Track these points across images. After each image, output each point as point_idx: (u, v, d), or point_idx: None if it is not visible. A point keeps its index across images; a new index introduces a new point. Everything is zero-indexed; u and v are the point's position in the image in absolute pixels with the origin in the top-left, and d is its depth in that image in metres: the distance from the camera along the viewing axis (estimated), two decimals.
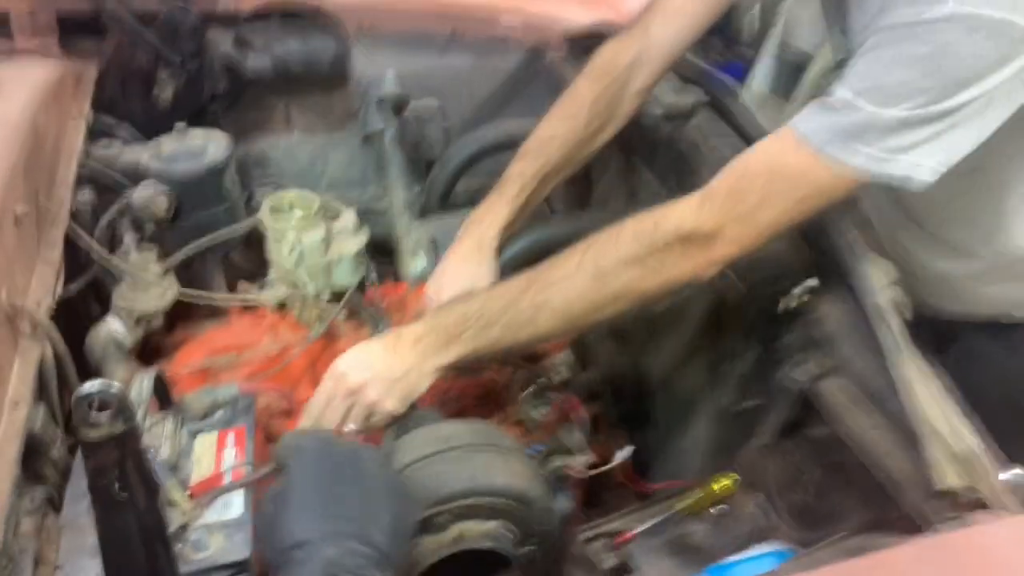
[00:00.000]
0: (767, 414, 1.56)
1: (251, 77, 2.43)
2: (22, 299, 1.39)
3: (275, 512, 0.82)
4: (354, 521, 0.80)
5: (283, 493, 0.84)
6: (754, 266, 1.44)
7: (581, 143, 1.49)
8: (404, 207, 1.93)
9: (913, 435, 1.26)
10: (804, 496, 1.42)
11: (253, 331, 1.76)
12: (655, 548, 1.40)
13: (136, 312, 1.59)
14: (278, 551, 0.79)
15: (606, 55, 1.51)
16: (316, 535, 0.77)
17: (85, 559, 1.04)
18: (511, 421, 1.70)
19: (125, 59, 2.29)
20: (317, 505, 0.81)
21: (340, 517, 0.80)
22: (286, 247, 1.61)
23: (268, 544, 0.82)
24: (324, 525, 0.78)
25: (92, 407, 0.77)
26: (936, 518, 1.16)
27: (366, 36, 2.31)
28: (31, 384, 1.28)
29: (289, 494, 0.83)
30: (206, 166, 1.74)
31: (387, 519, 0.82)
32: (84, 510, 1.09)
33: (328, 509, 0.80)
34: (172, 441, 1.23)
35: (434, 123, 2.30)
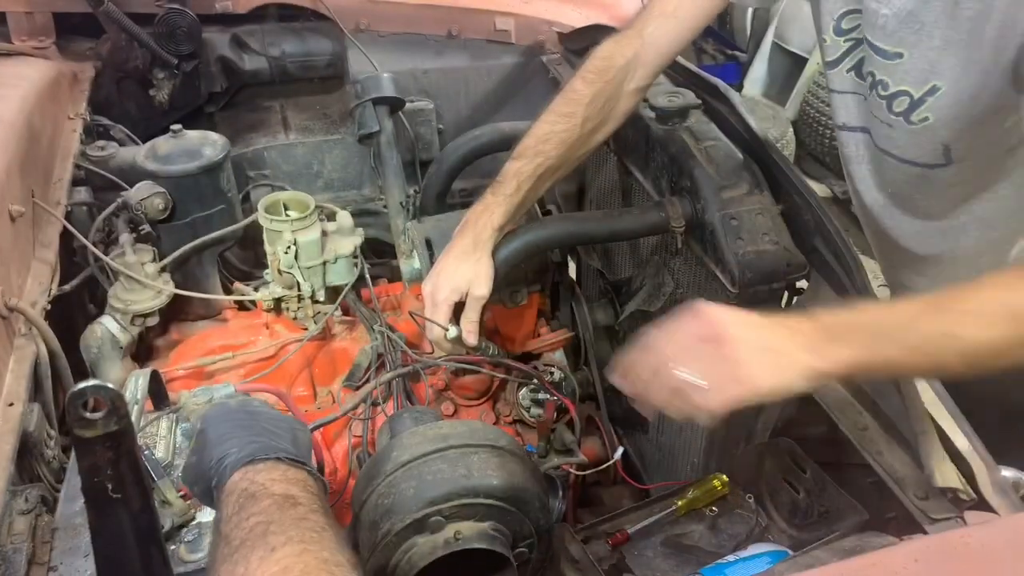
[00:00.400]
0: (761, 414, 1.56)
1: (247, 78, 2.44)
2: (17, 298, 1.38)
3: (199, 453, 0.96)
4: (261, 435, 0.95)
5: (200, 440, 0.97)
6: (747, 267, 1.44)
7: (577, 142, 1.50)
8: (399, 207, 1.93)
9: (907, 435, 1.27)
10: (799, 496, 1.43)
11: (249, 330, 1.76)
12: (650, 548, 1.39)
13: (131, 312, 1.59)
14: (208, 476, 0.91)
15: (602, 55, 1.51)
16: (234, 447, 0.92)
17: (79, 559, 1.04)
18: (507, 421, 1.70)
19: (121, 60, 2.30)
20: (229, 433, 0.95)
21: (248, 432, 0.95)
22: (282, 247, 1.61)
23: (199, 478, 0.94)
24: (238, 441, 0.93)
25: (86, 407, 0.77)
26: (931, 518, 1.17)
27: (362, 37, 2.31)
28: (26, 383, 1.28)
29: (206, 436, 0.96)
30: (202, 166, 1.74)
31: (287, 434, 0.97)
32: (78, 510, 1.09)
33: (237, 432, 0.95)
34: (167, 441, 1.23)
35: (430, 124, 2.30)
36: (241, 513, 0.83)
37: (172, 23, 2.21)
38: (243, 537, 0.79)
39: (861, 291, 1.38)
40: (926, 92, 1.27)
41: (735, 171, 1.54)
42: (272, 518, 0.81)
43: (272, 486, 0.86)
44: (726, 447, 1.65)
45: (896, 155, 1.40)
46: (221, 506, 0.87)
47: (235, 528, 0.81)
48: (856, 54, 1.40)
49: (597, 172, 2.10)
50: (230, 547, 0.79)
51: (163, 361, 1.71)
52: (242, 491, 0.86)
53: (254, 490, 0.86)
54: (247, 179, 2.27)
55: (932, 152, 1.34)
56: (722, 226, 1.48)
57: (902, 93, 1.30)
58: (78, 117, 1.98)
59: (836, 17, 1.40)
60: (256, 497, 0.84)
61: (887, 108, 1.34)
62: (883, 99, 1.34)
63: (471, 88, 2.37)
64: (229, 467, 0.90)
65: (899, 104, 1.32)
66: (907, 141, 1.36)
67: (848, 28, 1.40)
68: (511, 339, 1.80)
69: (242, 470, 0.89)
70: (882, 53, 1.31)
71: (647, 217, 1.58)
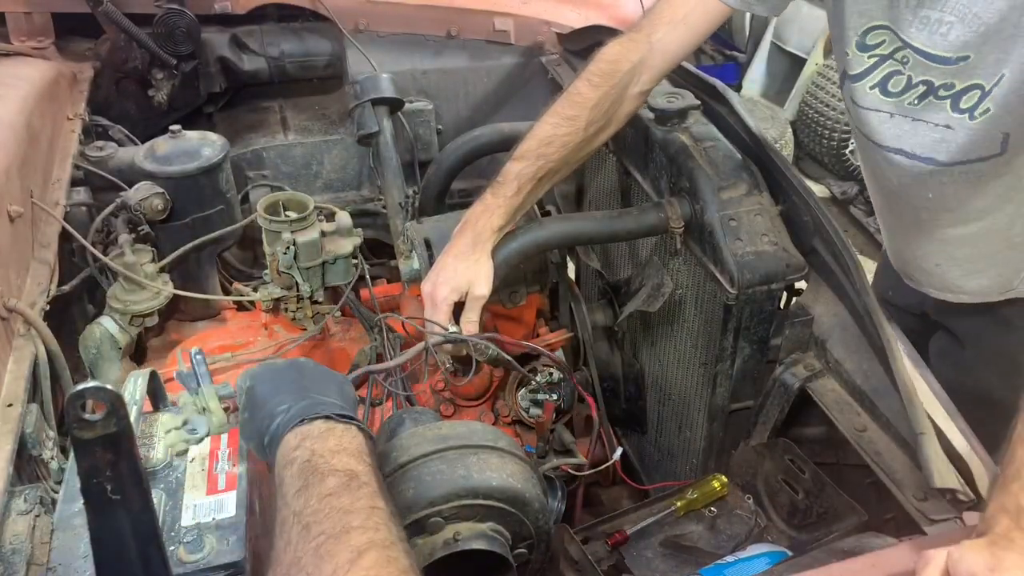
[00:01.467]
0: (760, 414, 1.57)
1: (246, 78, 2.44)
2: (16, 299, 1.38)
3: (250, 410, 0.99)
4: (309, 390, 0.97)
5: (250, 397, 1.00)
6: (746, 268, 1.45)
7: (580, 145, 1.50)
8: (398, 208, 1.93)
9: (906, 436, 1.27)
10: (797, 497, 1.43)
11: (247, 331, 1.77)
12: (649, 549, 1.40)
13: (130, 312, 1.59)
14: (261, 433, 0.94)
15: (608, 59, 1.50)
16: (283, 403, 0.94)
17: (78, 560, 1.04)
18: (505, 421, 1.71)
19: (120, 60, 2.29)
20: (278, 389, 0.98)
21: (297, 389, 0.98)
22: (281, 248, 1.61)
23: (253, 434, 0.97)
24: (288, 397, 0.96)
25: (85, 408, 0.77)
26: (930, 519, 1.17)
27: (361, 38, 2.31)
28: (24, 384, 1.28)
29: (255, 393, 1.00)
30: (201, 167, 1.74)
31: (334, 388, 1.00)
32: (77, 511, 1.09)
33: (285, 387, 0.98)
34: (166, 441, 1.23)
35: (429, 124, 2.30)
36: (310, 490, 0.84)
37: (171, 23, 2.21)
38: (323, 527, 0.80)
39: (860, 292, 1.38)
40: (995, 83, 1.29)
41: (734, 172, 1.54)
42: (347, 506, 0.82)
43: (333, 460, 0.87)
44: (725, 448, 1.65)
45: (943, 161, 1.40)
46: (282, 473, 0.88)
47: (308, 509, 0.82)
48: (882, 70, 1.40)
49: (596, 173, 2.10)
50: (310, 534, 0.80)
51: (162, 361, 1.71)
52: (304, 463, 0.87)
53: (316, 463, 0.87)
54: (246, 179, 2.27)
55: (990, 144, 1.35)
56: (721, 227, 1.48)
57: (973, 87, 1.31)
58: (77, 117, 1.98)
59: (860, 32, 1.40)
60: (321, 473, 0.85)
61: (951, 107, 1.35)
62: (944, 99, 1.34)
63: (470, 89, 2.37)
64: (281, 426, 0.92)
65: (968, 100, 1.33)
66: (964, 140, 1.36)
67: (873, 44, 1.39)
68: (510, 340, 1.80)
69: (295, 431, 0.91)
70: (940, 60, 1.32)
71: (646, 218, 1.59)
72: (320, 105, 2.50)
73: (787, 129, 4.46)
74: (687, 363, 1.71)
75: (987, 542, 0.91)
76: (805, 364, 1.49)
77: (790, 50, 4.78)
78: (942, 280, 1.62)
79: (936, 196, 1.47)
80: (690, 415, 1.73)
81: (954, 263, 1.58)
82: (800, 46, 4.71)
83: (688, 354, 1.69)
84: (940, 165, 1.41)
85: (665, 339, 1.79)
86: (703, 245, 1.53)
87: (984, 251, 1.55)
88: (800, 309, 1.51)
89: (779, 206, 1.53)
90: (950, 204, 1.48)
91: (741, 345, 1.52)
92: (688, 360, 1.70)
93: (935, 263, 1.61)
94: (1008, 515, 0.94)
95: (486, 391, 1.70)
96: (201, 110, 2.46)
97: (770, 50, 4.91)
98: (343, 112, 2.36)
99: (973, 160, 1.38)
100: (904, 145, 1.43)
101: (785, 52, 4.83)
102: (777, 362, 1.53)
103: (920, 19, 1.31)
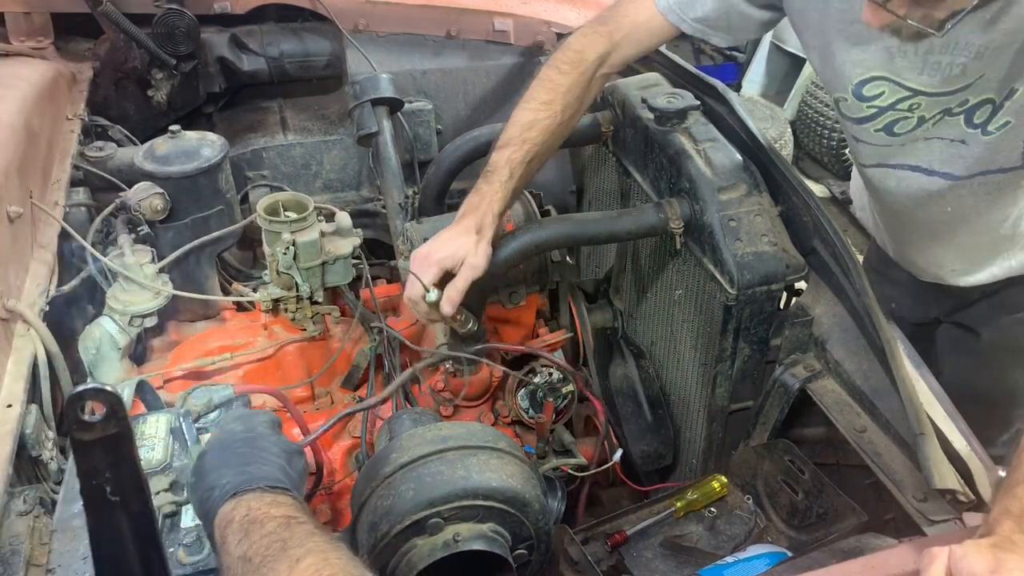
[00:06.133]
0: (760, 415, 1.56)
1: (246, 78, 2.43)
2: (15, 299, 1.38)
3: (197, 476, 1.03)
4: (251, 463, 1.01)
5: (199, 465, 1.04)
6: (746, 268, 1.44)
7: (558, 129, 1.55)
8: (398, 208, 1.93)
9: (906, 437, 1.27)
10: (797, 497, 1.43)
11: (247, 331, 1.76)
12: (648, 549, 1.39)
13: (129, 312, 1.59)
14: (200, 501, 1.00)
15: (575, 48, 1.56)
16: (224, 477, 0.98)
17: (77, 561, 1.04)
18: (505, 422, 1.70)
19: (120, 60, 2.29)
20: (224, 462, 1.02)
21: (240, 462, 1.01)
22: (280, 248, 1.61)
23: (198, 501, 1.01)
24: (229, 471, 0.99)
25: (85, 409, 0.77)
26: (930, 519, 1.17)
27: (361, 38, 2.31)
28: (24, 384, 1.28)
29: (204, 461, 1.04)
30: (200, 167, 1.73)
31: (279, 461, 1.03)
32: (77, 512, 1.09)
33: (230, 461, 1.01)
34: (165, 442, 1.23)
35: (428, 124, 2.30)
36: (251, 536, 0.88)
37: (170, 24, 2.20)
38: (263, 554, 0.84)
39: (860, 292, 1.38)
40: (1005, 96, 1.29)
41: (734, 172, 1.54)
42: (284, 536, 0.87)
43: (271, 509, 0.92)
44: (725, 448, 1.65)
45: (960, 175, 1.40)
46: (223, 534, 0.91)
47: (250, 549, 0.86)
48: (884, 119, 1.41)
49: (596, 173, 2.10)
50: (251, 564, 0.84)
51: (162, 362, 1.71)
52: (243, 517, 0.91)
53: (255, 515, 0.91)
54: (245, 180, 2.27)
55: (1010, 155, 1.36)
56: (721, 227, 1.48)
57: (985, 103, 1.31)
58: (76, 118, 1.98)
59: (855, 83, 1.40)
60: (260, 521, 0.90)
61: (964, 122, 1.35)
62: (958, 115, 1.35)
63: (470, 89, 2.37)
64: (218, 497, 0.96)
65: (980, 115, 1.33)
66: (980, 154, 1.37)
67: (872, 95, 1.39)
68: (510, 340, 1.80)
69: (232, 500, 0.94)
70: (959, 91, 1.32)
71: (646, 218, 1.58)
72: (320, 105, 2.49)
73: (787, 129, 4.46)
74: (687, 363, 1.70)
75: (990, 543, 0.91)
76: (805, 365, 1.49)
77: (790, 50, 4.78)
78: (949, 272, 1.63)
79: (955, 209, 1.47)
80: (690, 415, 1.73)
81: (966, 261, 1.59)
82: (799, 46, 4.71)
83: (688, 354, 1.69)
84: (957, 179, 1.42)
85: (665, 339, 1.79)
86: (703, 245, 1.53)
87: (999, 250, 1.56)
88: (800, 309, 1.51)
89: (779, 207, 1.53)
90: (968, 216, 1.48)
91: (741, 346, 1.52)
92: (688, 360, 1.70)
93: (945, 263, 1.62)
94: (1011, 518, 0.94)
95: (486, 391, 1.70)
96: (201, 110, 2.45)
97: (769, 50, 4.90)
98: (343, 112, 2.35)
99: (993, 171, 1.38)
100: (921, 162, 1.44)
101: (785, 52, 4.82)
102: (777, 363, 1.53)
103: (931, 65, 1.31)
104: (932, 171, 1.43)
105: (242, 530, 0.89)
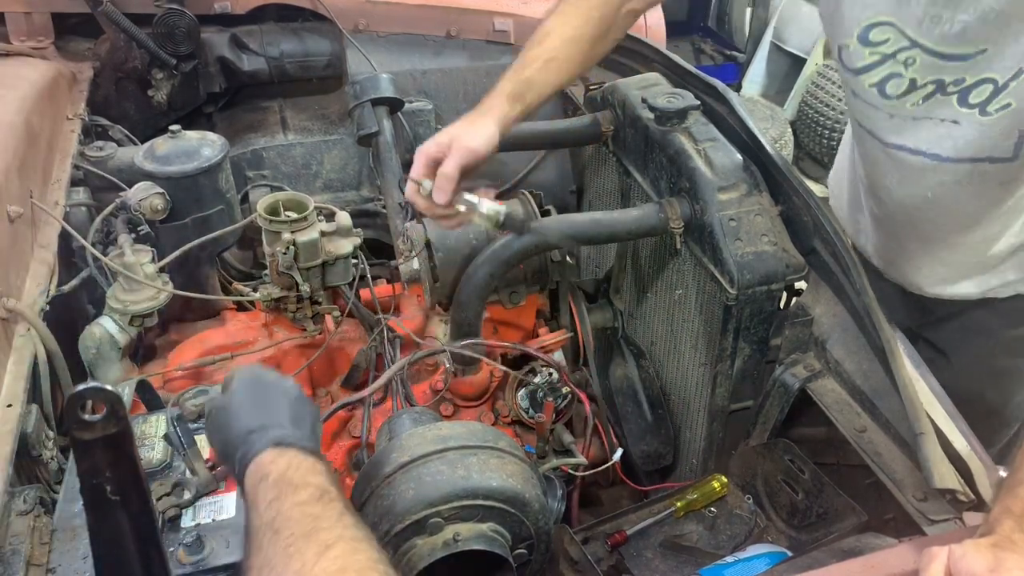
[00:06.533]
0: (760, 415, 1.57)
1: (246, 78, 2.43)
2: (16, 299, 1.38)
3: (227, 412, 0.99)
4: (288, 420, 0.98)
5: (231, 400, 1.01)
6: (746, 268, 1.44)
7: (581, 46, 1.52)
8: (398, 208, 1.93)
9: (906, 436, 1.27)
10: (797, 497, 1.43)
11: (247, 331, 1.76)
12: (648, 549, 1.39)
13: (130, 312, 1.59)
14: (235, 438, 0.96)
15: None
16: (265, 422, 0.96)
17: (77, 561, 1.04)
18: (505, 421, 1.71)
19: (120, 60, 2.29)
20: (260, 406, 0.99)
21: (277, 413, 0.98)
22: (280, 248, 1.61)
23: (223, 436, 0.99)
24: (268, 418, 0.97)
25: (85, 408, 0.77)
26: (930, 519, 1.17)
27: (361, 38, 2.31)
28: (24, 384, 1.28)
29: (236, 400, 1.01)
30: (200, 167, 1.73)
31: (310, 421, 1.01)
32: (77, 511, 1.09)
33: (268, 409, 0.99)
34: (165, 442, 1.23)
35: (428, 124, 2.30)
36: (283, 500, 0.86)
37: (171, 23, 2.21)
38: (292, 531, 0.82)
39: (860, 292, 1.38)
40: (1011, 77, 1.25)
41: (734, 172, 1.54)
42: (316, 512, 0.85)
43: (308, 476, 0.89)
44: (725, 448, 1.65)
45: (950, 157, 1.37)
46: (255, 486, 0.89)
47: (279, 517, 0.84)
48: (882, 70, 1.37)
49: (596, 173, 2.10)
50: (280, 537, 0.82)
51: (162, 362, 1.71)
52: (279, 475, 0.89)
53: (291, 476, 0.89)
54: (246, 179, 2.27)
55: (1001, 143, 1.32)
56: (721, 227, 1.48)
57: (985, 81, 1.27)
58: (76, 118, 1.98)
59: (863, 26, 1.36)
60: (295, 485, 0.88)
61: (958, 102, 1.31)
62: (952, 94, 1.31)
63: (470, 89, 2.37)
64: (259, 444, 0.93)
65: (977, 95, 1.29)
66: (973, 137, 1.33)
67: (877, 41, 1.36)
68: (509, 340, 1.80)
69: (273, 451, 0.92)
70: (957, 58, 1.28)
71: (646, 218, 1.58)
72: (320, 105, 2.49)
73: (787, 129, 4.46)
74: (687, 363, 1.70)
75: (990, 543, 0.91)
76: (805, 364, 1.49)
77: (790, 50, 4.78)
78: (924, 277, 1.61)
79: (936, 195, 1.45)
80: (690, 415, 1.73)
81: (944, 267, 1.57)
82: (800, 46, 4.71)
83: (688, 354, 1.69)
84: (944, 161, 1.38)
85: (665, 339, 1.79)
86: (703, 245, 1.53)
87: (978, 263, 1.53)
88: (800, 309, 1.51)
89: (779, 206, 1.53)
90: (949, 207, 1.46)
91: (741, 345, 1.52)
92: (688, 360, 1.70)
93: (923, 266, 1.59)
94: (1012, 517, 0.94)
95: (486, 391, 1.70)
96: (201, 110, 2.45)
97: (770, 50, 4.91)
98: (343, 112, 2.35)
99: (982, 159, 1.35)
100: (907, 141, 1.41)
101: (785, 52, 4.82)
102: (777, 362, 1.53)
103: (931, 18, 1.28)
104: (919, 151, 1.40)
105: (276, 488, 0.87)
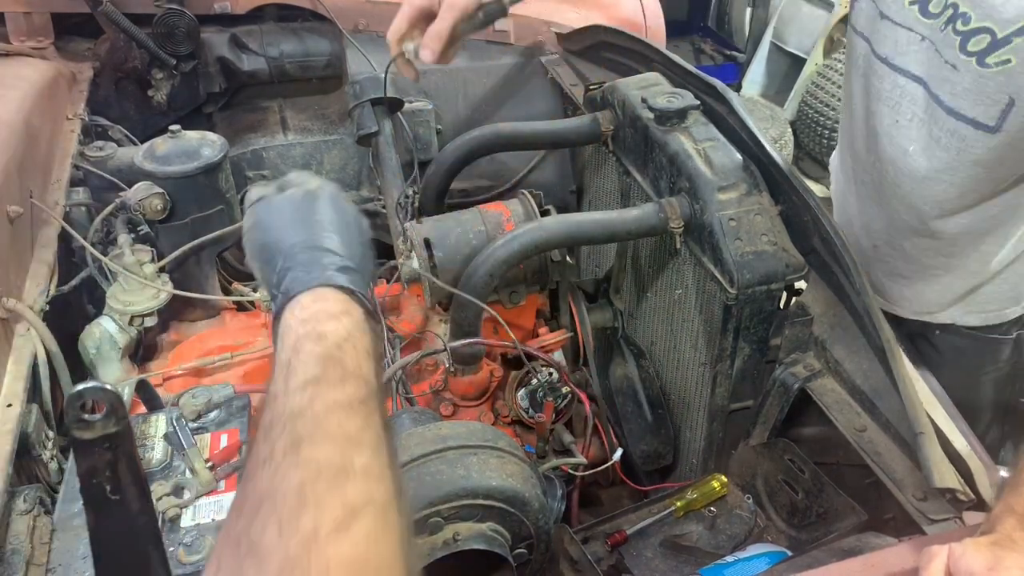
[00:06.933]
0: (760, 414, 1.57)
1: (246, 78, 2.44)
2: (16, 299, 1.38)
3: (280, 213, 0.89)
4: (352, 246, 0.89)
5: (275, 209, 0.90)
6: (746, 268, 1.44)
7: None
8: (398, 208, 1.93)
9: (906, 436, 1.27)
10: (797, 496, 1.43)
11: (247, 331, 1.76)
12: (648, 549, 1.39)
13: (130, 312, 1.59)
14: (287, 248, 0.86)
15: None
16: (323, 242, 0.86)
17: (77, 561, 1.04)
18: (505, 421, 1.70)
19: (120, 60, 2.30)
20: (320, 221, 0.89)
21: (317, 246, 0.87)
22: None
23: (265, 239, 0.89)
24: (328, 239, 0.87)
25: (85, 408, 0.77)
26: (930, 519, 1.17)
27: (361, 38, 2.31)
28: (24, 384, 1.28)
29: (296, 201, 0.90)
30: (200, 167, 1.74)
31: (358, 248, 0.90)
32: (77, 511, 1.09)
33: (329, 229, 0.89)
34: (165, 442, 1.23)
35: (428, 124, 2.30)
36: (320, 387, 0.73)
37: (171, 23, 2.21)
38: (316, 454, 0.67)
39: (860, 292, 1.38)
40: (1015, 31, 1.21)
41: (733, 172, 1.54)
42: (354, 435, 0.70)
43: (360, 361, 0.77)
44: (725, 448, 1.65)
45: (945, 103, 1.33)
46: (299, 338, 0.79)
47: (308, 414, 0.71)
48: None
49: (596, 173, 2.10)
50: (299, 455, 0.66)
51: (162, 362, 1.71)
52: (335, 346, 0.77)
53: (346, 357, 0.77)
54: (246, 179, 2.27)
55: (989, 107, 1.28)
56: (720, 227, 1.48)
57: (983, 31, 1.22)
58: (76, 118, 1.98)
59: None
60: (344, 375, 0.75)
61: (959, 46, 1.27)
62: (958, 35, 1.27)
63: (470, 89, 2.37)
64: (313, 272, 0.84)
65: (976, 43, 1.24)
66: (968, 87, 1.29)
67: None
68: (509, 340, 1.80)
69: (333, 296, 0.82)
70: None
71: (646, 218, 1.58)
72: (320, 105, 2.50)
73: (787, 129, 4.46)
74: (687, 363, 1.70)
75: (989, 541, 0.91)
76: (805, 364, 1.49)
77: (790, 50, 4.79)
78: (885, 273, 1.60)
79: (915, 151, 1.41)
80: (690, 415, 1.73)
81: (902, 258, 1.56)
82: (800, 46, 4.72)
83: (688, 354, 1.69)
84: (937, 102, 1.35)
85: (665, 339, 1.79)
86: (703, 245, 1.53)
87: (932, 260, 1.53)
88: (800, 309, 1.51)
89: (779, 206, 1.53)
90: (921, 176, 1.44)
91: (741, 345, 1.52)
92: (688, 360, 1.70)
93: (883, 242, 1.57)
94: (1014, 515, 0.94)
95: (486, 391, 1.70)
96: (201, 110, 2.46)
97: (770, 50, 4.91)
98: (343, 112, 2.36)
99: (966, 119, 1.32)
100: (921, 72, 1.37)
101: (785, 52, 4.83)
102: (777, 362, 1.53)
103: None
104: (919, 77, 1.37)
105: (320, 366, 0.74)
